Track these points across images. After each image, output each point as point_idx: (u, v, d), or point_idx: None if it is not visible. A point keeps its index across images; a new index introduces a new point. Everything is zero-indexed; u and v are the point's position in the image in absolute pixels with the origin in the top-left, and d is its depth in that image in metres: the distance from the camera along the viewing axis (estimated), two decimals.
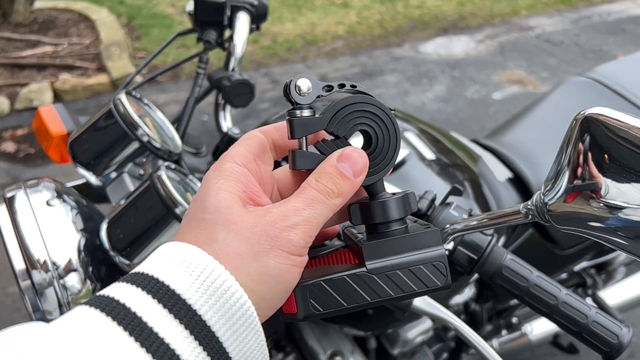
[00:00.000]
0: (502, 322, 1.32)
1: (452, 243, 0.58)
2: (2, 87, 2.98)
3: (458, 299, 1.11)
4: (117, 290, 0.27)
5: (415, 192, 0.39)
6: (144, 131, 0.74)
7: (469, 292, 1.12)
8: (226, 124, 0.96)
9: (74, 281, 0.61)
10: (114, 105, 0.75)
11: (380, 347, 0.95)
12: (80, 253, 0.63)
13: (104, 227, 0.67)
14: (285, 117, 0.36)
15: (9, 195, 0.65)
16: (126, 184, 0.79)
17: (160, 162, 0.76)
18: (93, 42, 3.46)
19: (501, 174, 1.05)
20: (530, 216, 0.40)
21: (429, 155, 0.91)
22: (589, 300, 1.31)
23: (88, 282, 0.62)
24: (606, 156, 0.32)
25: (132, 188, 0.78)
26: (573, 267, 1.30)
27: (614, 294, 1.35)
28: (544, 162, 1.08)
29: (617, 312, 1.34)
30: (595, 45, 3.94)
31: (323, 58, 3.64)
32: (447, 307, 1.07)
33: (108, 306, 0.26)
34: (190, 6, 0.97)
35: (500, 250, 0.58)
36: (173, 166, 0.73)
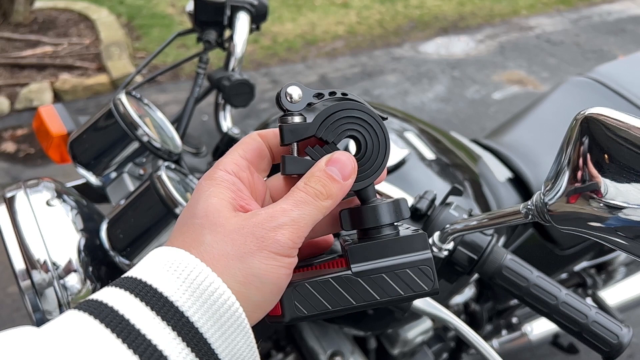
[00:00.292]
0: (502, 322, 1.32)
1: (452, 243, 0.58)
2: (2, 87, 2.98)
3: (458, 299, 1.11)
4: (106, 294, 0.28)
5: (415, 193, 0.39)
6: (144, 131, 0.74)
7: (469, 292, 1.12)
8: (226, 124, 0.96)
9: (74, 281, 0.61)
10: (114, 105, 0.75)
11: (380, 347, 0.95)
12: (80, 253, 0.63)
13: (104, 227, 0.68)
14: None
15: (9, 195, 0.65)
16: (126, 184, 0.79)
17: (160, 162, 0.76)
18: (93, 42, 3.46)
19: (501, 174, 1.05)
20: (530, 216, 0.40)
21: (429, 155, 0.91)
22: (589, 300, 1.31)
23: (88, 282, 0.62)
24: (606, 156, 0.32)
25: (132, 188, 0.78)
26: (573, 267, 1.29)
27: (614, 294, 1.35)
28: (544, 162, 1.07)
29: (617, 312, 1.33)
30: (595, 45, 3.94)
31: (323, 58, 3.64)
32: (447, 307, 1.07)
33: (96, 309, 0.26)
34: (190, 6, 0.97)
35: (500, 250, 0.58)
36: (173, 166, 0.73)
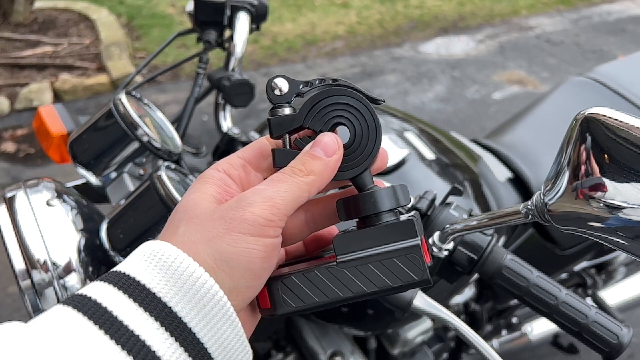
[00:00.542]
0: (502, 322, 1.32)
1: (452, 243, 0.58)
2: (2, 87, 2.98)
3: (458, 299, 1.11)
4: (91, 288, 0.28)
5: (415, 193, 0.39)
6: (144, 131, 0.74)
7: (469, 292, 1.12)
8: (226, 124, 0.96)
9: (73, 281, 0.61)
10: (114, 105, 0.75)
11: (380, 347, 0.95)
12: (80, 253, 0.63)
13: (104, 227, 0.68)
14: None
15: (9, 195, 0.65)
16: (126, 184, 0.79)
17: (160, 162, 0.76)
18: (93, 42, 3.46)
19: (501, 174, 1.05)
20: (530, 216, 0.40)
21: (429, 155, 0.91)
22: (589, 300, 1.31)
23: (88, 282, 0.62)
24: (606, 156, 0.32)
25: (132, 188, 0.77)
26: (573, 267, 1.30)
27: (614, 294, 1.35)
28: (544, 162, 1.07)
29: (617, 312, 1.34)
30: (595, 45, 3.94)
31: (323, 58, 3.64)
32: (447, 307, 1.07)
33: (80, 303, 0.27)
34: (190, 6, 0.97)
35: (500, 250, 0.58)
36: (173, 166, 0.73)
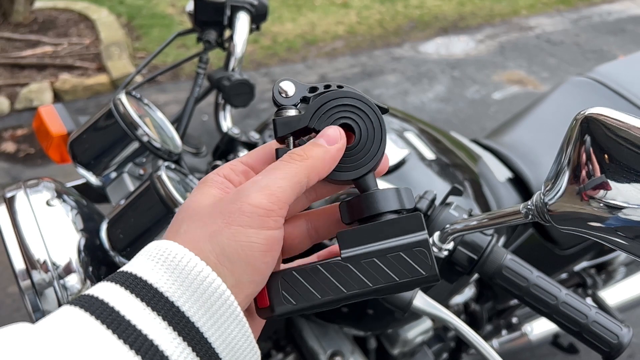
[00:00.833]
0: (502, 322, 1.32)
1: (452, 243, 0.58)
2: (2, 87, 2.98)
3: (458, 299, 1.11)
4: (98, 288, 0.28)
5: (415, 192, 0.39)
6: (144, 131, 0.74)
7: (469, 292, 1.12)
8: (226, 124, 0.96)
9: (73, 281, 0.61)
10: (114, 105, 0.75)
11: (380, 347, 0.95)
12: (80, 253, 0.63)
13: (104, 227, 0.68)
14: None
15: (9, 195, 0.65)
16: (126, 184, 0.79)
17: (160, 162, 0.76)
18: (93, 42, 3.46)
19: (501, 174, 1.05)
20: (530, 216, 0.40)
21: (429, 155, 0.91)
22: (589, 300, 1.31)
23: (88, 282, 0.62)
24: (606, 156, 0.32)
25: (132, 188, 0.77)
26: (573, 267, 1.30)
27: (614, 294, 1.35)
28: (544, 162, 1.08)
29: (617, 312, 1.34)
30: (595, 45, 3.94)
31: (323, 58, 3.64)
32: (447, 307, 1.07)
33: (87, 303, 0.27)
34: (190, 6, 0.97)
35: (500, 250, 0.58)
36: (173, 166, 0.73)
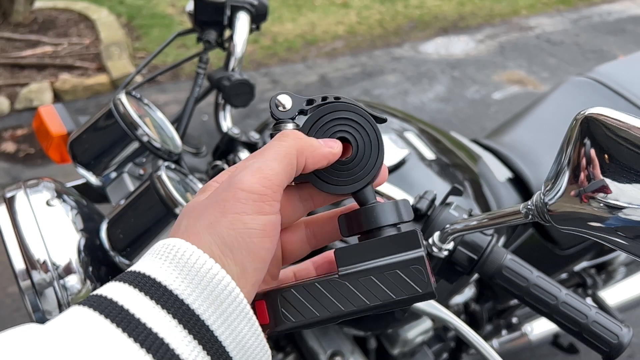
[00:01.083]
0: (502, 322, 1.32)
1: (452, 243, 0.58)
2: (2, 87, 2.98)
3: (458, 299, 1.11)
4: (106, 288, 0.28)
5: (415, 193, 0.39)
6: (144, 131, 0.74)
7: (469, 292, 1.12)
8: (226, 124, 0.96)
9: (73, 281, 0.61)
10: (114, 105, 0.75)
11: (380, 347, 0.95)
12: (80, 253, 0.63)
13: (104, 227, 0.67)
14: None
15: (9, 195, 0.65)
16: (126, 184, 0.79)
17: (160, 162, 0.76)
18: (93, 42, 3.46)
19: (501, 174, 1.05)
20: (530, 216, 0.40)
21: (429, 155, 0.91)
22: (589, 300, 1.31)
23: (88, 282, 0.62)
24: (606, 156, 0.32)
25: (132, 188, 0.77)
26: (573, 267, 1.30)
27: (614, 294, 1.35)
28: (544, 162, 1.08)
29: (617, 312, 1.34)
30: (595, 45, 3.94)
31: (323, 58, 3.64)
32: (447, 307, 1.07)
33: (95, 302, 0.27)
34: (190, 6, 0.97)
35: (500, 250, 0.58)
36: (173, 166, 0.73)
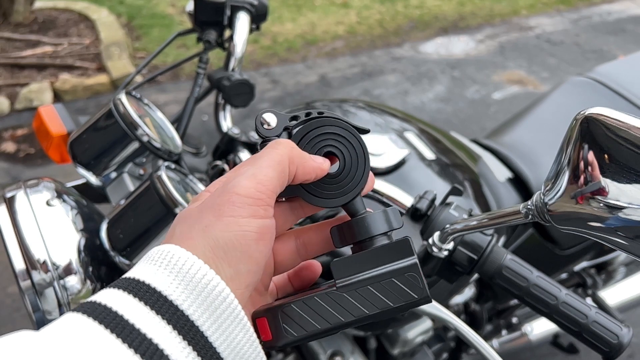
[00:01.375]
0: (502, 322, 1.32)
1: (452, 243, 0.58)
2: (2, 87, 2.98)
3: (458, 299, 1.11)
4: (101, 295, 0.28)
5: (415, 193, 0.39)
6: (144, 131, 0.74)
7: (469, 292, 1.12)
8: (226, 124, 0.96)
9: (73, 281, 0.61)
10: (114, 105, 0.75)
11: (380, 347, 0.94)
12: (80, 253, 0.63)
13: (104, 227, 0.67)
14: None
15: (9, 195, 0.65)
16: (126, 184, 0.79)
17: (160, 162, 0.76)
18: (93, 42, 3.46)
19: (501, 174, 1.05)
20: (530, 216, 0.40)
21: (429, 155, 0.91)
22: (589, 300, 1.31)
23: (88, 282, 0.62)
24: (606, 156, 0.32)
25: (132, 188, 0.77)
26: (573, 267, 1.29)
27: (614, 294, 1.35)
28: (544, 162, 1.07)
29: (617, 312, 1.34)
30: (595, 45, 3.94)
31: (323, 58, 3.64)
32: (447, 307, 1.07)
33: (90, 308, 0.27)
34: (190, 6, 0.97)
35: (500, 250, 0.58)
36: (173, 166, 0.73)
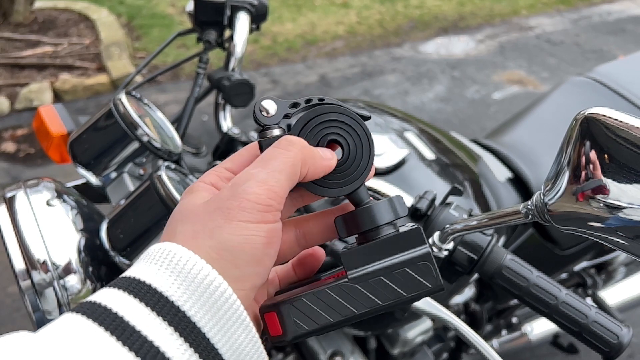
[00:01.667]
0: (502, 322, 1.32)
1: (452, 243, 0.58)
2: (2, 87, 2.98)
3: (458, 299, 1.11)
4: (100, 295, 0.28)
5: (415, 193, 0.39)
6: (144, 131, 0.74)
7: (469, 292, 1.12)
8: (226, 124, 0.96)
9: (73, 281, 0.61)
10: (114, 105, 0.75)
11: (380, 347, 0.94)
12: (80, 253, 0.63)
13: (104, 227, 0.67)
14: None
15: (9, 195, 0.65)
16: (126, 184, 0.79)
17: (160, 162, 0.76)
18: (93, 42, 3.46)
19: (501, 174, 1.05)
20: (530, 216, 0.40)
21: (429, 155, 0.91)
22: (589, 300, 1.31)
23: (88, 282, 0.62)
24: (606, 156, 0.32)
25: (132, 188, 0.77)
26: (573, 267, 1.30)
27: (614, 294, 1.35)
28: (544, 162, 1.07)
29: (617, 312, 1.33)
30: (595, 45, 3.94)
31: (323, 58, 3.64)
32: (447, 307, 1.07)
33: (89, 309, 0.26)
34: (190, 6, 0.97)
35: (500, 250, 0.58)
36: (173, 166, 0.73)
